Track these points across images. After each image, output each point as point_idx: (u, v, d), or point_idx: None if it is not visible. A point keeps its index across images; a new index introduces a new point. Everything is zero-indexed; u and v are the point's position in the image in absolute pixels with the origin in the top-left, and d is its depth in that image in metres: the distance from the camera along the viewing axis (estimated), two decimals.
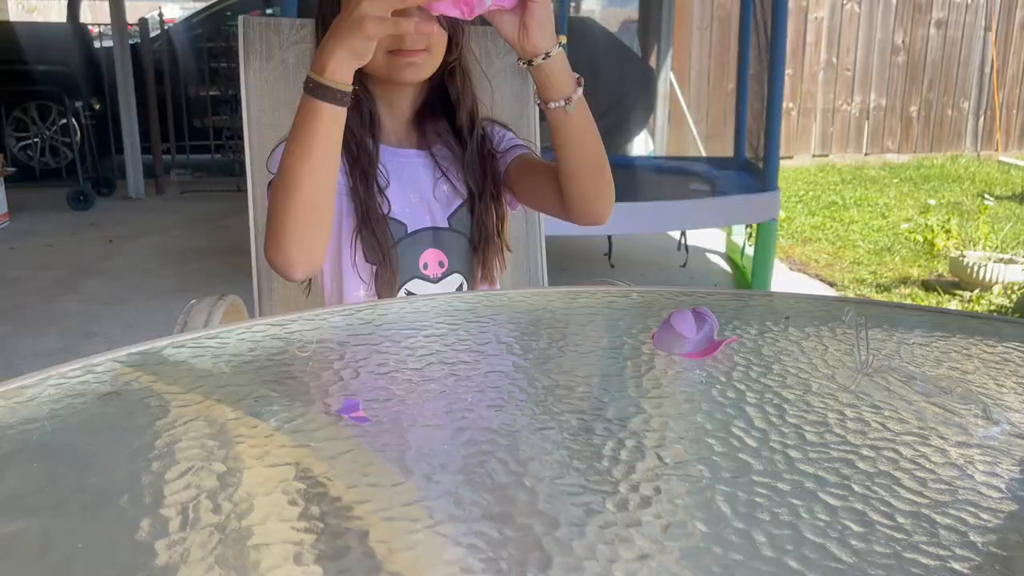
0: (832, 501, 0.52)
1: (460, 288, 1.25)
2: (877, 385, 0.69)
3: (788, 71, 5.70)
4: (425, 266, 1.22)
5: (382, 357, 0.75)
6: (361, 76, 1.10)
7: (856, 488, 0.54)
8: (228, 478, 0.54)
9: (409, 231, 1.21)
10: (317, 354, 0.76)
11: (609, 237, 3.57)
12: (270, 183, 1.04)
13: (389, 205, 1.19)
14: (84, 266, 3.97)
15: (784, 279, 3.86)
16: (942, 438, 0.61)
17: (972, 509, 0.52)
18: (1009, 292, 3.49)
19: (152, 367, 0.73)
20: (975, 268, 3.55)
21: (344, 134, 1.00)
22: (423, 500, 0.52)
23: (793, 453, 0.58)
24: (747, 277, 3.73)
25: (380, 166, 1.19)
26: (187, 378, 0.71)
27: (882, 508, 0.52)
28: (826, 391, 0.68)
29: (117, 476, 0.55)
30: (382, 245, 1.17)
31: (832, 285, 3.79)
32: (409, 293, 1.22)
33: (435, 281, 1.23)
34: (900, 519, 0.51)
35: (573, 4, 8.13)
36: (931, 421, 0.63)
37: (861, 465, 0.57)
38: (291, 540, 0.48)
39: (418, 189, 1.23)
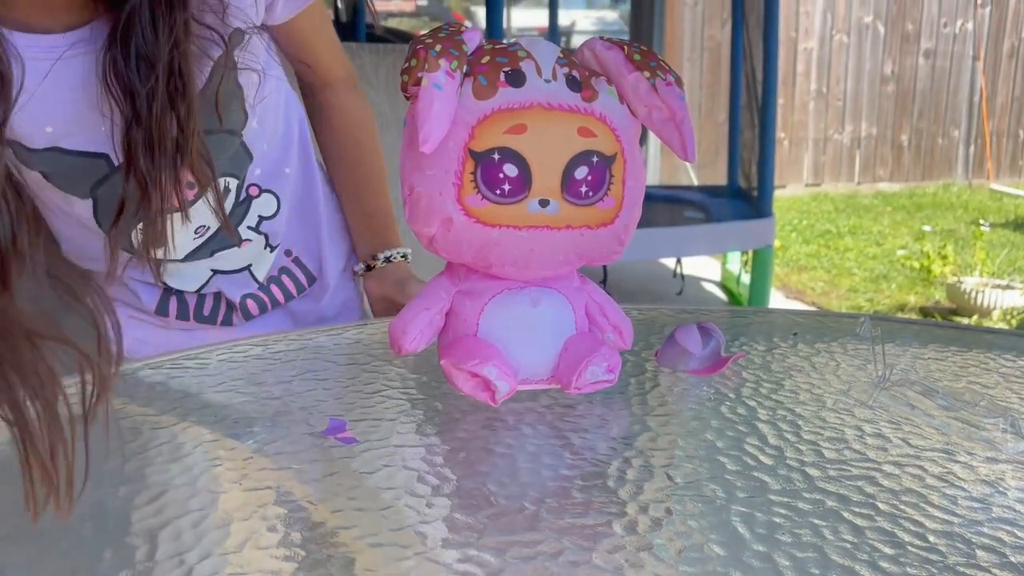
0: (857, 521, 0.48)
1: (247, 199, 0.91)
2: (896, 399, 0.65)
3: (779, 100, 5.72)
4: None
5: (371, 376, 0.71)
6: None
7: (882, 507, 0.50)
8: (202, 503, 0.50)
9: (118, 162, 0.79)
10: (301, 373, 0.72)
11: (604, 266, 3.55)
12: None
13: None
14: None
15: (780, 307, 3.83)
16: (969, 453, 0.57)
17: (1008, 528, 0.48)
18: (1008, 318, 3.47)
19: (125, 388, 0.68)
20: (973, 294, 3.53)
21: None
22: (414, 524, 0.48)
23: (812, 471, 0.54)
24: (743, 305, 3.70)
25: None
26: (162, 400, 0.67)
27: (912, 528, 0.48)
28: (842, 407, 0.65)
29: (80, 502, 0.50)
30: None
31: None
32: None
33: (190, 205, 0.84)
34: (933, 539, 0.47)
35: (564, 39, 8.18)
36: (956, 436, 0.59)
37: (885, 483, 0.53)
38: (269, 569, 0.43)
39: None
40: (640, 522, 0.48)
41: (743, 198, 3.81)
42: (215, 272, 0.95)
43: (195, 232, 0.90)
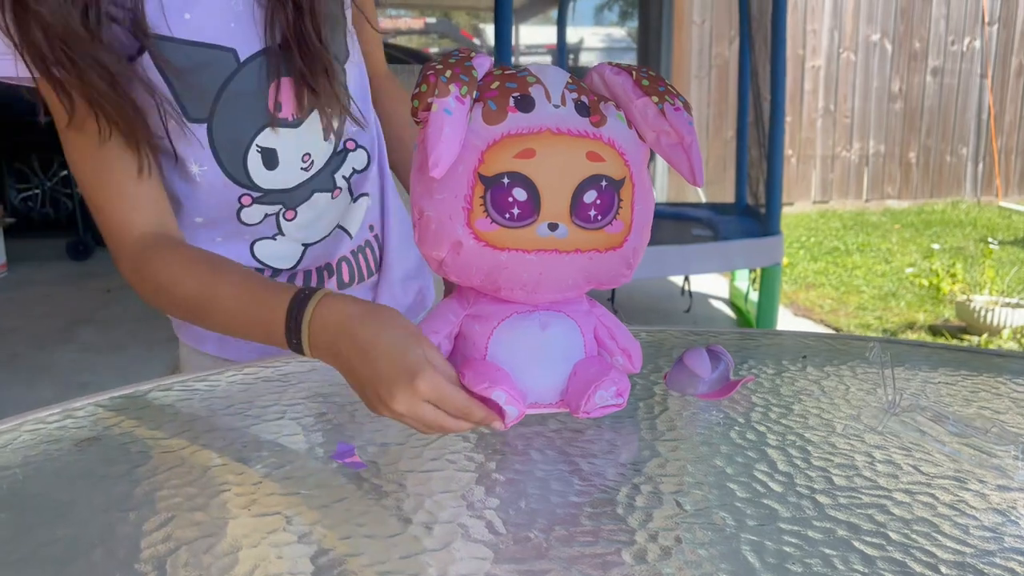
0: (868, 550, 0.48)
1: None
2: (906, 425, 0.65)
3: (787, 118, 5.72)
4: (279, 107, 0.85)
5: None
6: None
7: (893, 536, 0.50)
8: (211, 528, 0.50)
9: (243, 58, 0.82)
10: (310, 397, 0.72)
11: None
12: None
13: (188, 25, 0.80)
14: (81, 315, 3.93)
15: (789, 325, 3.82)
16: (981, 481, 0.57)
17: (1021, 558, 0.48)
18: (1019, 336, 3.45)
19: (135, 411, 0.69)
20: (982, 312, 3.51)
21: None
22: (422, 552, 0.48)
23: (822, 498, 0.54)
24: (751, 323, 3.69)
25: None
26: (172, 423, 0.67)
27: (923, 558, 0.47)
28: (852, 432, 0.64)
29: (91, 527, 0.50)
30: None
31: (838, 331, 3.75)
32: (261, 149, 0.86)
33: (296, 125, 0.86)
34: (945, 570, 0.46)
35: (572, 56, 8.19)
36: (967, 463, 0.59)
37: (896, 511, 0.53)
38: None
39: None
40: (650, 551, 0.48)
41: (751, 215, 3.81)
42: (306, 247, 0.98)
43: (302, 160, 0.92)
